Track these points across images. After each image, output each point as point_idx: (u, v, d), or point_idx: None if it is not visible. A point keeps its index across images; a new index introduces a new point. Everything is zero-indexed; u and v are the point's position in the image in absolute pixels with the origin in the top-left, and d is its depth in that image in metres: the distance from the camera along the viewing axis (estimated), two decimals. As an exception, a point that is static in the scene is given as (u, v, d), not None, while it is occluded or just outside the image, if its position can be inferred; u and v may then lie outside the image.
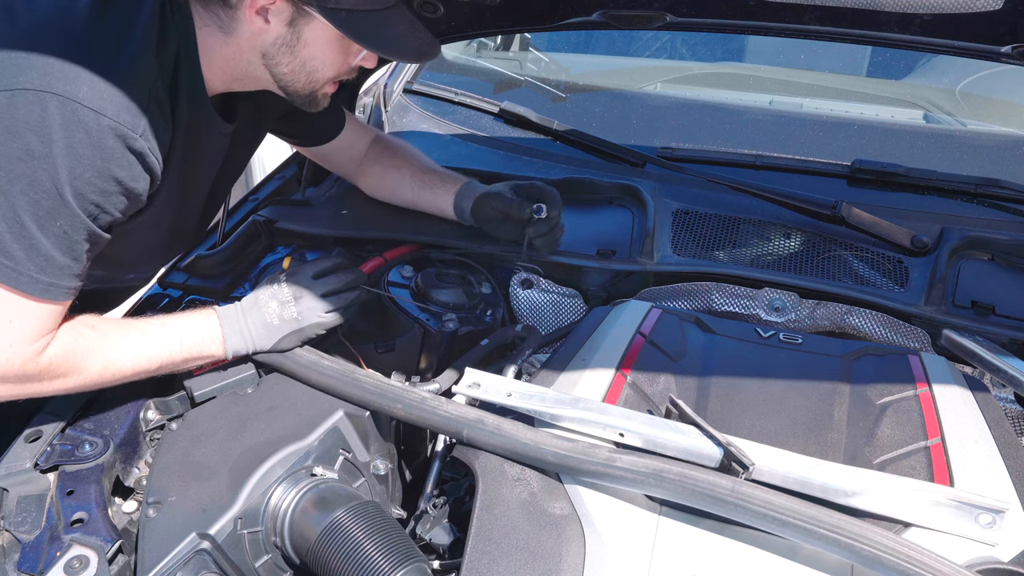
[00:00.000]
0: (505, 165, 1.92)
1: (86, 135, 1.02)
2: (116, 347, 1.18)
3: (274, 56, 1.22)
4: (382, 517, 1.09)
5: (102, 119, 1.03)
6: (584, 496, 1.01)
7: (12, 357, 1.06)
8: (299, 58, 1.23)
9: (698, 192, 1.78)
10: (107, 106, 1.03)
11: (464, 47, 2.49)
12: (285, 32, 1.19)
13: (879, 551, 0.85)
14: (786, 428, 1.10)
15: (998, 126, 2.14)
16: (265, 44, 1.21)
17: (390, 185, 1.72)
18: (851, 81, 2.36)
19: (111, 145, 1.05)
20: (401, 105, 2.20)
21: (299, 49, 1.22)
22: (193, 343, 1.24)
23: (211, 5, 1.17)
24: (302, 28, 1.20)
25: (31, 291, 1.05)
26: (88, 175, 1.04)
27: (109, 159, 1.05)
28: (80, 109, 1.01)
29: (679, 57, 2.62)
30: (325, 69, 1.27)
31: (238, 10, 1.16)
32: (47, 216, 1.03)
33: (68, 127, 1.01)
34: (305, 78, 1.27)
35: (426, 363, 1.48)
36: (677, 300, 1.54)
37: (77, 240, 1.07)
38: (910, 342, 1.44)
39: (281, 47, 1.21)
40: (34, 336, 1.08)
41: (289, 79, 1.26)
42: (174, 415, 1.29)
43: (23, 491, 1.13)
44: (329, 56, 1.25)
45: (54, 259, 1.05)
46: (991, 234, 1.59)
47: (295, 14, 1.18)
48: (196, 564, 1.04)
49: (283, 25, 1.18)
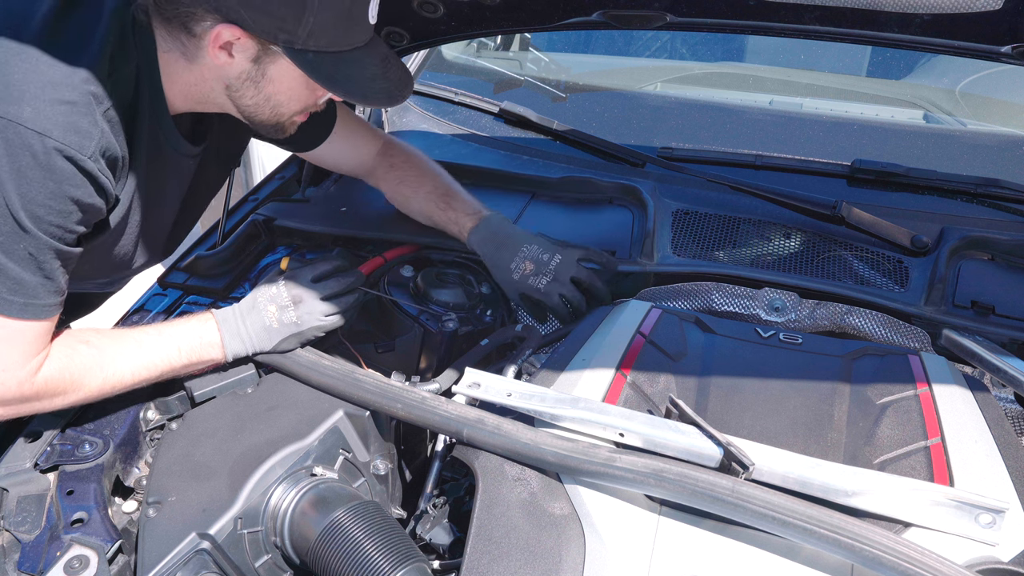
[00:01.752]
0: (505, 165, 1.92)
1: (32, 158, 1.00)
2: (113, 360, 1.17)
3: (238, 89, 1.19)
4: (382, 517, 1.09)
5: (47, 140, 1.00)
6: (584, 496, 1.01)
7: (7, 380, 1.06)
8: (263, 93, 1.20)
9: (698, 192, 1.78)
10: (52, 127, 1.01)
11: (464, 47, 2.48)
12: (249, 68, 1.16)
13: (879, 551, 0.85)
14: (786, 428, 1.10)
15: (998, 126, 2.14)
16: (229, 77, 1.17)
17: (402, 202, 1.67)
18: (851, 81, 2.36)
19: (60, 166, 1.02)
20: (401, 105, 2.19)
21: (264, 85, 1.19)
22: (191, 349, 1.23)
23: (174, 31, 1.13)
24: (267, 65, 1.16)
25: (8, 312, 1.04)
26: (41, 197, 1.02)
27: (61, 180, 1.03)
28: (24, 131, 0.99)
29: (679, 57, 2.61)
30: (291, 104, 1.24)
31: (201, 40, 1.13)
32: (8, 240, 1.01)
33: (12, 151, 0.99)
34: (270, 111, 1.24)
35: (426, 363, 1.48)
36: (677, 300, 1.54)
37: (45, 260, 1.06)
38: (910, 342, 1.44)
39: (245, 81, 1.18)
40: (25, 357, 1.07)
41: (253, 111, 1.23)
42: (174, 415, 1.29)
43: (23, 491, 1.13)
44: (295, 92, 1.22)
45: (24, 280, 1.04)
46: (991, 234, 1.59)
47: (260, 52, 1.14)
48: (196, 564, 1.04)
49: (247, 61, 1.15)
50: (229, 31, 1.10)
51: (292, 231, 1.73)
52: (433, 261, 1.66)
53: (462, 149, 2.02)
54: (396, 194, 1.67)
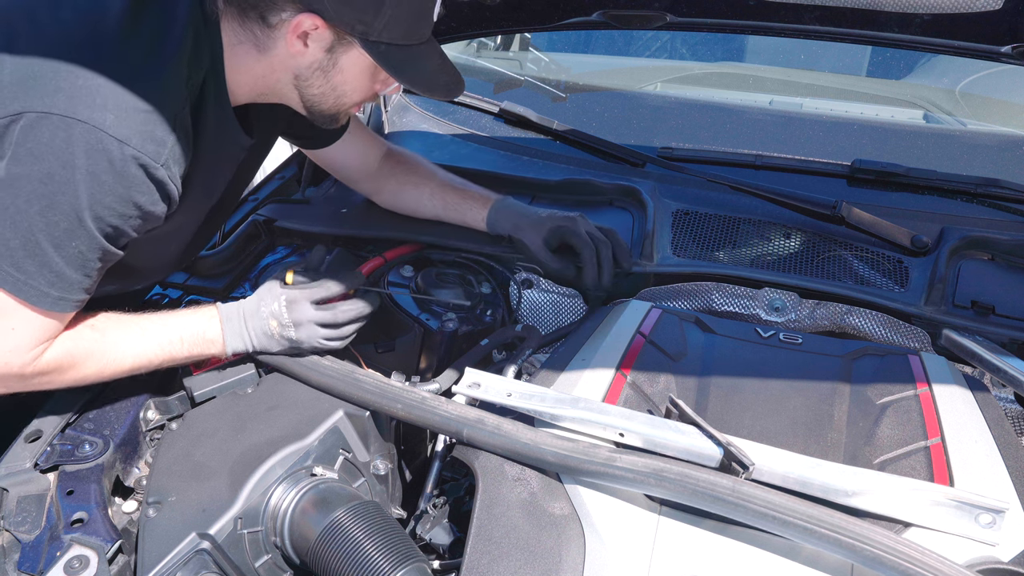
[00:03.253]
0: (505, 165, 1.92)
1: (109, 164, 1.03)
2: (115, 346, 1.18)
3: (307, 79, 1.23)
4: (382, 517, 1.09)
5: (126, 148, 1.03)
6: (584, 496, 1.01)
7: (11, 361, 1.08)
8: (331, 83, 1.24)
9: (698, 192, 1.78)
10: (132, 135, 1.04)
11: (464, 47, 2.48)
12: (322, 57, 1.19)
13: (880, 551, 0.85)
14: (786, 428, 1.10)
15: (998, 126, 2.14)
16: (300, 67, 1.21)
17: (409, 203, 1.70)
18: (851, 81, 2.36)
19: (133, 173, 1.05)
20: (401, 105, 2.20)
21: (333, 75, 1.22)
22: (193, 342, 1.24)
23: (248, 23, 1.16)
24: (339, 55, 1.20)
25: (40, 304, 1.06)
26: (108, 200, 1.05)
27: (130, 186, 1.06)
28: (105, 138, 1.02)
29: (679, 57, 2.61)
30: (353, 94, 1.28)
31: (277, 31, 1.16)
32: (63, 237, 1.04)
33: (92, 155, 1.02)
34: (333, 101, 1.28)
35: (426, 363, 1.48)
36: (677, 300, 1.54)
37: (91, 259, 1.08)
38: (910, 342, 1.44)
39: (316, 71, 1.21)
40: (35, 343, 1.09)
41: (317, 100, 1.27)
42: (174, 415, 1.29)
43: (23, 491, 1.13)
44: (360, 83, 1.26)
45: (65, 275, 1.06)
46: (991, 234, 1.59)
47: (335, 42, 1.18)
48: (196, 564, 1.04)
49: (321, 51, 1.19)
50: (310, 20, 1.13)
51: (293, 233, 1.73)
52: (433, 261, 1.66)
53: (462, 149, 2.02)
54: (401, 193, 1.69)
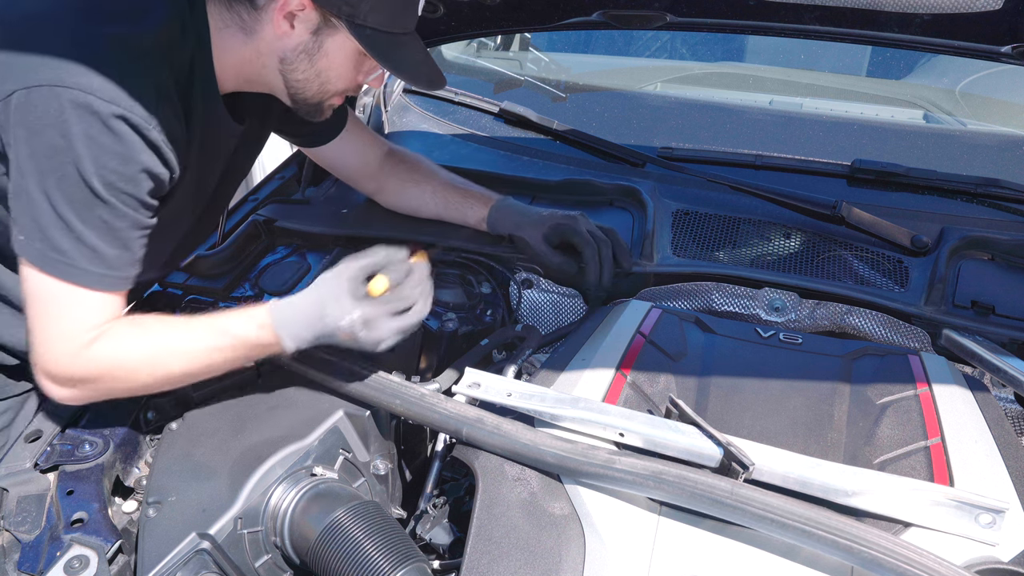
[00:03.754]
0: (505, 165, 1.92)
1: (102, 125, 1.02)
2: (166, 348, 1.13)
3: (292, 62, 1.22)
4: (382, 517, 1.09)
5: (114, 107, 1.03)
6: (584, 496, 1.01)
7: (62, 353, 1.06)
8: (316, 67, 1.23)
9: (698, 192, 1.78)
10: (119, 98, 1.03)
11: (464, 47, 2.48)
12: (308, 40, 1.20)
13: (877, 552, 0.85)
14: (786, 428, 1.10)
15: (998, 126, 2.13)
16: (285, 49, 1.20)
17: (410, 202, 1.70)
18: (851, 81, 2.35)
19: (126, 132, 1.05)
20: (401, 105, 2.20)
21: (318, 59, 1.22)
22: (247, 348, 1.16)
23: (235, 6, 1.17)
24: (325, 39, 1.20)
25: (85, 282, 1.06)
26: (111, 163, 1.04)
27: (128, 146, 1.05)
28: (94, 100, 1.01)
29: (679, 57, 2.61)
30: (338, 82, 1.27)
31: (264, 12, 1.17)
32: (83, 207, 1.04)
33: (83, 119, 1.01)
34: (317, 87, 1.27)
35: (426, 363, 1.48)
36: (677, 300, 1.54)
37: (120, 228, 1.07)
38: (910, 342, 1.44)
39: (301, 54, 1.21)
40: (87, 327, 1.07)
41: (301, 86, 1.26)
42: (174, 415, 1.29)
43: (23, 491, 1.13)
44: (344, 70, 1.25)
45: (101, 250, 1.06)
46: (991, 234, 1.59)
47: (321, 24, 1.18)
48: (196, 564, 1.04)
49: (307, 33, 1.19)
50: (296, 0, 1.14)
51: (293, 233, 1.73)
52: (433, 261, 1.66)
53: (462, 149, 2.02)
54: (403, 192, 1.69)
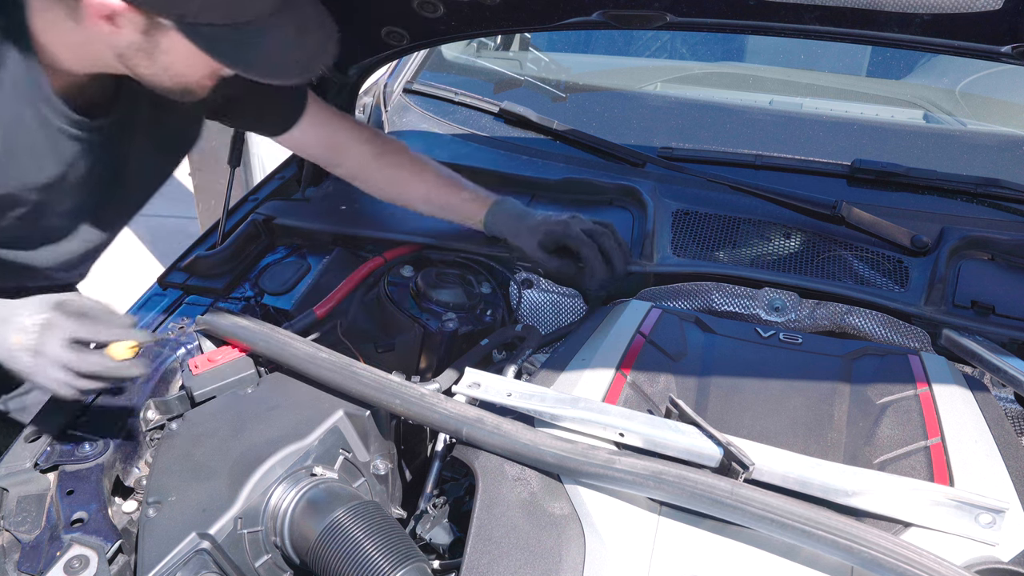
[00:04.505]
0: (505, 165, 1.92)
1: None
2: None
3: (131, 58, 1.09)
4: (382, 517, 1.09)
5: None
6: (584, 496, 1.01)
7: None
8: (159, 64, 1.09)
9: (698, 192, 1.78)
10: None
11: (464, 47, 2.48)
12: (140, 39, 1.05)
13: (877, 552, 0.85)
14: (786, 428, 1.10)
15: (998, 126, 2.13)
16: (119, 46, 1.07)
17: (403, 195, 1.63)
18: (851, 81, 2.35)
19: None
20: (401, 105, 2.20)
21: (158, 56, 1.08)
22: None
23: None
24: (159, 38, 1.05)
25: None
26: None
27: None
28: None
29: (679, 57, 2.61)
30: (192, 73, 1.13)
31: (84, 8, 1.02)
32: None
33: None
34: (170, 80, 1.13)
35: (426, 363, 1.48)
36: (677, 300, 1.54)
37: None
38: (910, 342, 1.45)
39: (137, 51, 1.07)
40: None
41: (152, 80, 1.13)
42: (174, 415, 1.29)
43: (23, 491, 1.13)
44: (194, 63, 1.10)
45: None
46: (991, 234, 1.59)
47: (149, 24, 1.03)
48: (196, 564, 1.04)
49: (136, 33, 1.04)
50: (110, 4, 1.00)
51: (292, 230, 1.73)
52: (433, 261, 1.66)
53: (462, 149, 2.02)
54: (394, 180, 1.61)
